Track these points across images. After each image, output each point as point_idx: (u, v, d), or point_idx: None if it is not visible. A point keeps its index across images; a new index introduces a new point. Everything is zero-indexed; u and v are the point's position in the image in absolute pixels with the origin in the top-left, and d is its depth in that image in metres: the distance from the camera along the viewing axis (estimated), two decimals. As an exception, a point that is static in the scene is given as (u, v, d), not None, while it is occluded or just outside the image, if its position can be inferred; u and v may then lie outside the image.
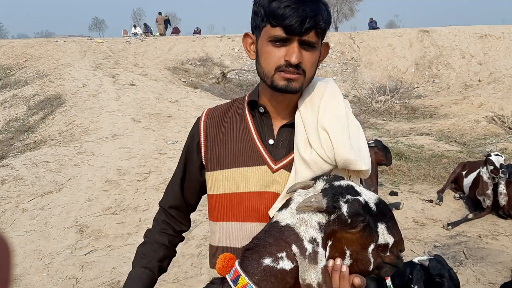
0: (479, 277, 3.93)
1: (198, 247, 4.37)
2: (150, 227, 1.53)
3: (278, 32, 1.19)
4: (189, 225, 1.57)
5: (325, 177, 1.14)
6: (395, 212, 5.34)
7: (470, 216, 5.20)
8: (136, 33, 25.71)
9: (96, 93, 11.02)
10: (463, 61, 17.46)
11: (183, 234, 1.57)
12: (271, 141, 1.33)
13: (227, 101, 1.54)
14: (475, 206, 5.42)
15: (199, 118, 1.45)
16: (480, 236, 4.79)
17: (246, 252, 1.12)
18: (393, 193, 5.96)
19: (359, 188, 1.11)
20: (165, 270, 1.49)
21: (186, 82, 14.72)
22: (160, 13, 25.84)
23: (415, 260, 2.96)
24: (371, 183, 5.20)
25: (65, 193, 5.58)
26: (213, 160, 1.37)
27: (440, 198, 5.80)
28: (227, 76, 15.77)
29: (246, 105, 1.40)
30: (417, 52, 18.40)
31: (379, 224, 1.09)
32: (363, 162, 1.22)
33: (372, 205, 1.09)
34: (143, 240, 1.50)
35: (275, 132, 1.34)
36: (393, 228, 1.12)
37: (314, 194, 1.09)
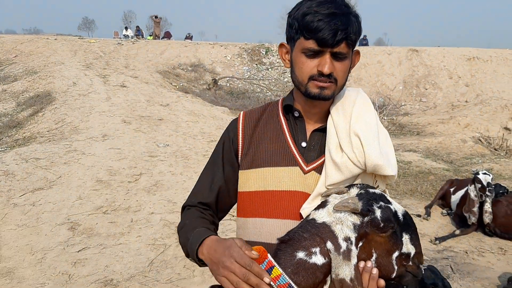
0: (466, 291, 4.02)
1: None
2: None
3: (312, 44, 1.26)
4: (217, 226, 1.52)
5: (359, 185, 1.22)
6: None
7: (457, 232, 5.31)
8: (127, 35, 25.63)
9: (87, 92, 10.96)
10: (451, 82, 17.83)
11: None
12: (303, 144, 1.40)
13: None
14: (462, 223, 5.53)
15: (236, 120, 1.51)
16: (466, 252, 4.89)
17: (280, 245, 1.18)
18: (382, 206, 6.03)
19: (390, 198, 1.21)
20: None
21: (177, 87, 14.72)
22: (156, 16, 25.58)
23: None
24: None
25: (56, 190, 5.53)
26: (247, 159, 1.43)
27: (428, 213, 5.91)
28: (219, 83, 15.82)
29: (280, 108, 1.46)
30: (405, 70, 18.73)
31: (404, 234, 1.18)
32: (391, 168, 1.30)
33: (400, 215, 1.18)
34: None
35: (308, 135, 1.41)
36: (415, 240, 1.20)
37: (350, 197, 1.17)
